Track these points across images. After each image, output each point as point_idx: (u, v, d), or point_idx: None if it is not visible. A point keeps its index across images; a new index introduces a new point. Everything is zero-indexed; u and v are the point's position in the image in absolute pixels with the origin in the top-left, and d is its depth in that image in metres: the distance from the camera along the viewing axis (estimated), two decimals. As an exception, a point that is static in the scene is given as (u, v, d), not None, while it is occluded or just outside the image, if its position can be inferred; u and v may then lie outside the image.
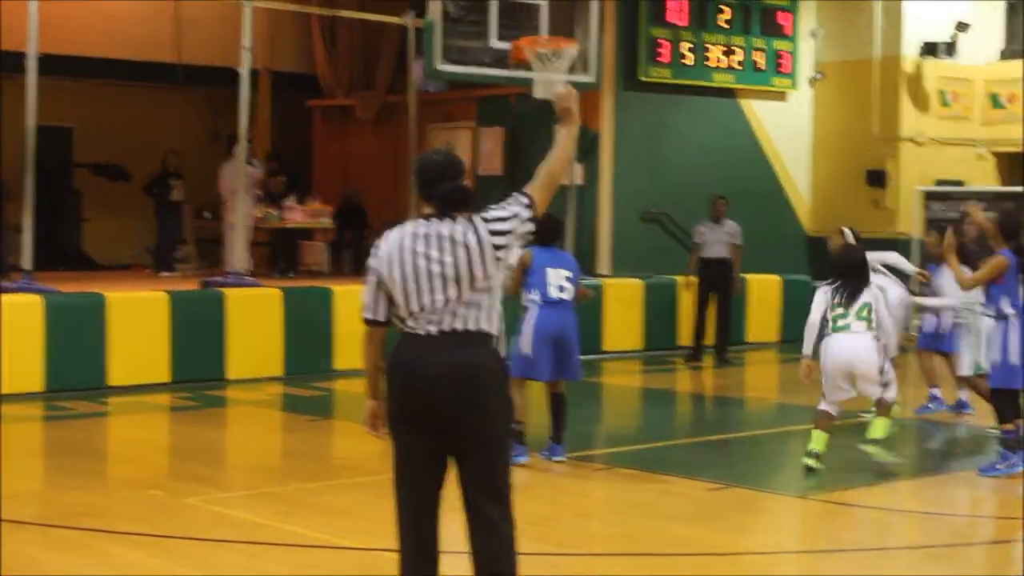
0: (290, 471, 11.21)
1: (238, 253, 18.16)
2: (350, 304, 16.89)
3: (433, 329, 5.78)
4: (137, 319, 15.30)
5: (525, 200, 5.82)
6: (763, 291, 20.75)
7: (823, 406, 10.90)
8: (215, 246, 22.05)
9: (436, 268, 5.75)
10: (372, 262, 6.01)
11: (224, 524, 8.85)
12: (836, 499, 9.97)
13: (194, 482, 10.30)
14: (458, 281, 5.74)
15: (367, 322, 6.12)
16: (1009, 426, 10.61)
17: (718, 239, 18.72)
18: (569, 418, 11.13)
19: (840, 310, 10.70)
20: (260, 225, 20.95)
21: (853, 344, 10.67)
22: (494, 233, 5.76)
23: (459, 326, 5.76)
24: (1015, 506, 9.83)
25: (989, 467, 10.74)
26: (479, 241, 5.75)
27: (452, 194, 5.85)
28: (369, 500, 9.62)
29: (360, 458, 11.78)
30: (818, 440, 10.77)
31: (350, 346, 16.66)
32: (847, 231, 12.65)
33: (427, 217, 5.89)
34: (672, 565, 8.08)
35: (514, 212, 5.80)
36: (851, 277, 10.83)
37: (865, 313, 10.70)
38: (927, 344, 13.80)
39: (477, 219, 5.80)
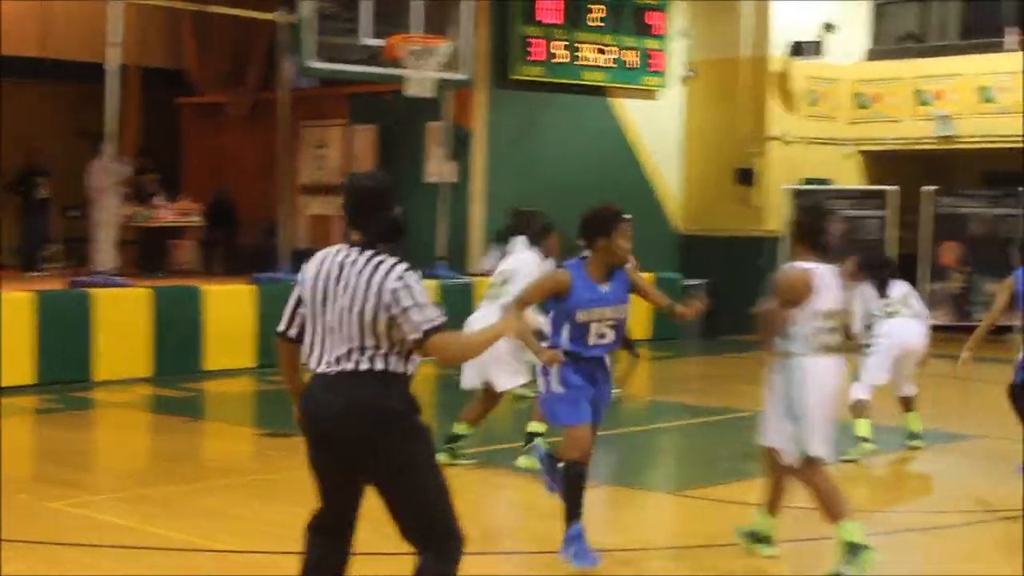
0: (160, 473, 11.07)
1: (106, 252, 17.90)
2: (221, 304, 16.76)
3: (329, 366, 5.64)
4: (1, 320, 15.00)
5: (428, 326, 5.52)
6: (635, 288, 20.89)
7: (861, 394, 11.45)
8: (83, 245, 21.69)
9: (343, 303, 5.59)
10: (299, 277, 5.87)
11: (92, 528, 8.71)
12: (709, 495, 10.08)
13: (60, 486, 10.13)
14: (351, 317, 5.58)
15: (277, 334, 5.97)
16: None
17: None
18: (440, 417, 11.14)
19: (886, 300, 11.62)
20: (129, 224, 20.67)
21: (912, 327, 11.63)
22: (395, 295, 5.51)
23: (351, 367, 5.59)
24: (885, 499, 10.02)
25: None
26: (379, 289, 5.53)
27: (382, 227, 5.66)
28: (240, 502, 9.55)
29: (231, 460, 11.69)
30: (863, 427, 11.39)
31: (221, 346, 16.53)
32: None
33: (353, 246, 5.67)
34: (542, 564, 8.12)
35: (415, 308, 5.52)
36: (881, 270, 11.81)
37: (907, 301, 11.73)
38: None
39: (398, 268, 5.56)
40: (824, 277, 7.58)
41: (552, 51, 21.02)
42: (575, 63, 21.32)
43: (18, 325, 15.03)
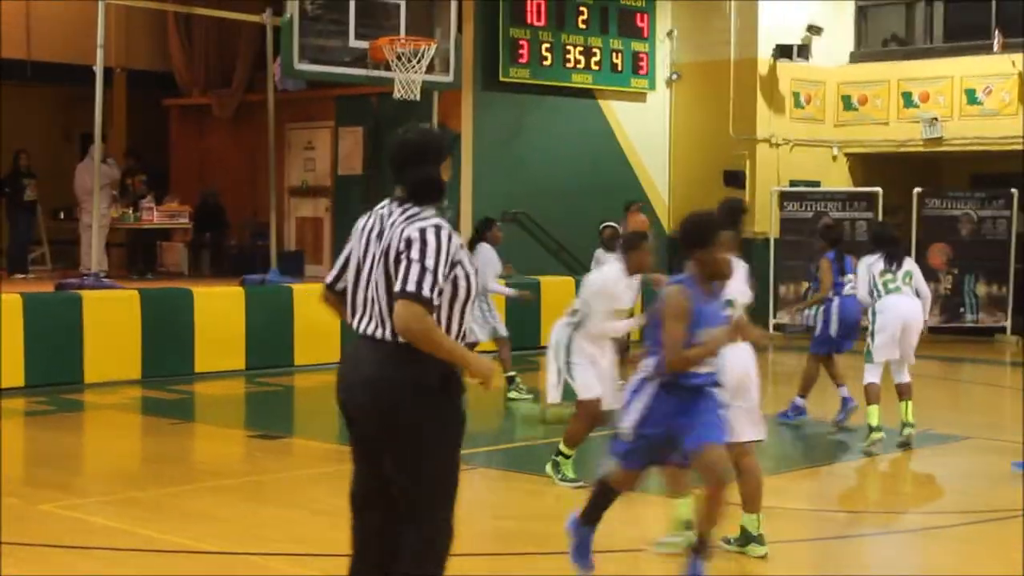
0: (149, 475, 11.05)
1: (94, 254, 17.86)
2: (210, 306, 16.73)
3: (359, 328, 5.47)
4: (-10, 322, 14.98)
5: (411, 287, 5.22)
6: (623, 290, 20.89)
7: (872, 378, 11.75)
8: (70, 247, 21.67)
9: (372, 259, 5.41)
10: (352, 233, 5.63)
11: (82, 530, 8.69)
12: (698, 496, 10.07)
13: (50, 488, 10.11)
14: (386, 278, 5.36)
15: (325, 285, 5.76)
16: None
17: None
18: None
19: (889, 275, 11.81)
20: (116, 226, 20.66)
21: (908, 304, 11.75)
22: (408, 243, 5.29)
23: (374, 330, 5.39)
24: (868, 500, 10.04)
25: None
26: (398, 238, 5.34)
27: (417, 184, 5.49)
28: (230, 503, 9.54)
29: (221, 462, 11.66)
30: (875, 415, 11.59)
31: (210, 349, 16.51)
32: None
33: (395, 199, 5.52)
34: (535, 564, 8.12)
35: (415, 264, 5.26)
36: (893, 246, 11.99)
37: (908, 280, 11.82)
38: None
39: (426, 222, 5.37)
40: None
41: (539, 53, 21.04)
42: (563, 65, 21.34)
43: (7, 327, 14.99)
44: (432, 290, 5.21)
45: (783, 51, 22.51)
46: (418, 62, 17.96)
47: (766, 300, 22.07)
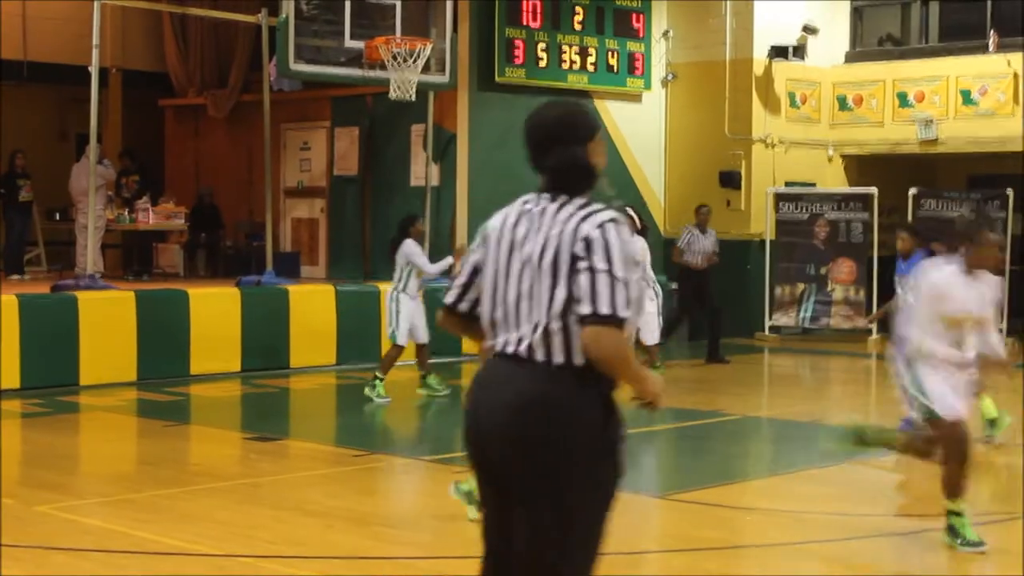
0: (145, 477, 11.05)
1: (90, 255, 17.86)
2: (206, 307, 16.73)
3: (506, 348, 4.53)
4: (-15, 323, 14.98)
5: (604, 308, 4.34)
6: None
7: None
8: (66, 248, 21.67)
9: (521, 265, 4.52)
10: (479, 235, 4.76)
11: (78, 532, 8.70)
12: (696, 499, 10.10)
13: (46, 490, 10.11)
14: (542, 280, 4.47)
15: (442, 305, 4.86)
16: None
17: (702, 249, 19.07)
18: (431, 420, 11.14)
19: None
20: (112, 227, 20.64)
21: None
22: (588, 245, 4.42)
23: (529, 351, 4.46)
24: (869, 503, 10.04)
25: None
26: (572, 238, 4.44)
27: (563, 169, 4.60)
28: (225, 506, 9.54)
29: (217, 464, 11.67)
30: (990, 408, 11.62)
31: (206, 350, 16.51)
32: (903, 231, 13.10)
33: (539, 192, 4.65)
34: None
35: (604, 275, 4.38)
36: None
37: None
38: None
39: (600, 215, 4.50)
40: None
41: (535, 54, 21.04)
42: (558, 66, 21.34)
43: (3, 329, 14.99)
44: (627, 306, 4.36)
45: (778, 51, 22.51)
46: (414, 62, 17.97)
47: (761, 301, 22.09)
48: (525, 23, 20.91)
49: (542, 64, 21.12)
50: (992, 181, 22.31)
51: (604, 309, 4.29)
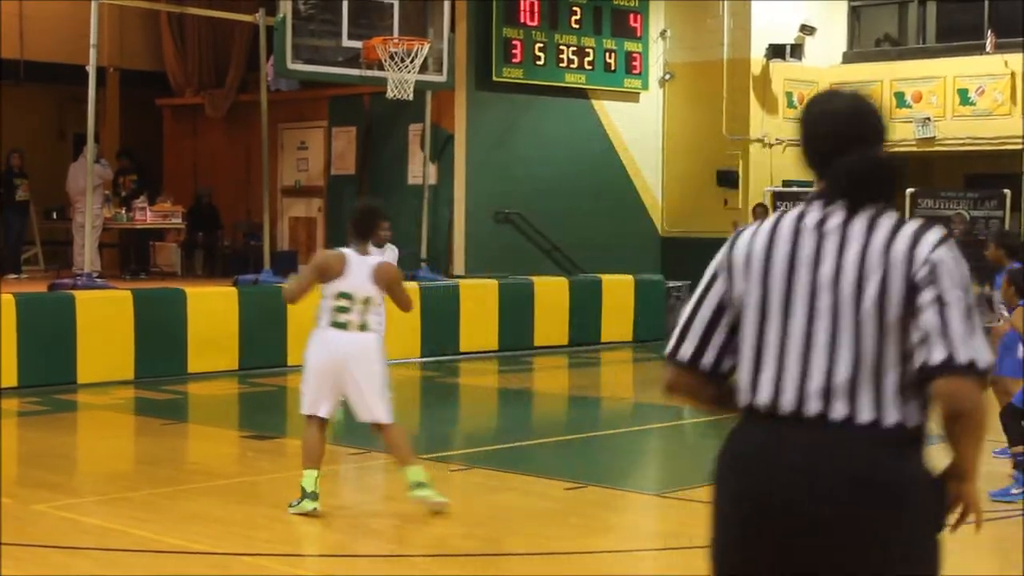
0: (143, 476, 11.04)
1: (87, 254, 17.85)
2: (203, 306, 16.73)
3: (801, 407, 3.46)
4: (-18, 322, 14.97)
5: (966, 356, 3.39)
6: (616, 291, 20.88)
7: None
8: (63, 247, 21.66)
9: (810, 296, 3.49)
10: (716, 263, 3.70)
11: (76, 531, 8.69)
12: (692, 496, 10.09)
13: (44, 488, 10.10)
14: (858, 315, 3.44)
15: (671, 361, 3.72)
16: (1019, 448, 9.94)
17: None
18: (425, 418, 11.13)
19: None
20: (109, 226, 20.63)
21: None
22: (932, 273, 3.42)
23: (845, 410, 3.42)
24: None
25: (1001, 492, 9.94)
26: (908, 260, 3.44)
27: (863, 174, 3.58)
28: (223, 504, 9.54)
29: (214, 462, 11.67)
30: None
31: (203, 348, 16.51)
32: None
33: (818, 200, 3.65)
34: (530, 565, 8.12)
35: (956, 314, 3.40)
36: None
37: None
38: None
39: (931, 235, 3.48)
40: (354, 263, 8.73)
41: (533, 53, 21.05)
42: (556, 65, 21.35)
43: (0, 328, 14.98)
44: (986, 350, 3.43)
45: (776, 51, 22.53)
46: (411, 62, 17.97)
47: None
48: (523, 22, 20.92)
49: (540, 64, 21.12)
50: (989, 181, 22.31)
51: (962, 356, 3.36)
